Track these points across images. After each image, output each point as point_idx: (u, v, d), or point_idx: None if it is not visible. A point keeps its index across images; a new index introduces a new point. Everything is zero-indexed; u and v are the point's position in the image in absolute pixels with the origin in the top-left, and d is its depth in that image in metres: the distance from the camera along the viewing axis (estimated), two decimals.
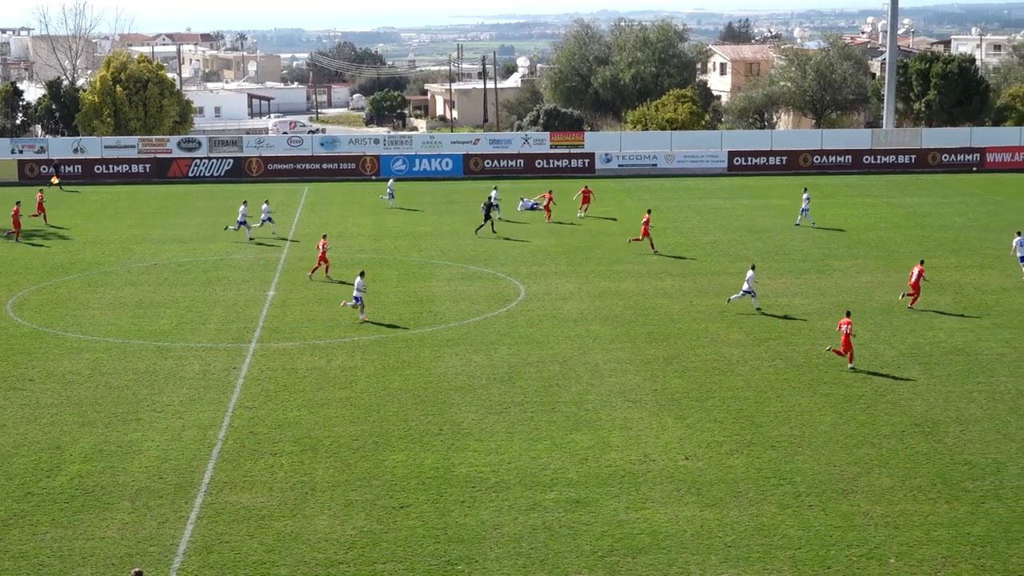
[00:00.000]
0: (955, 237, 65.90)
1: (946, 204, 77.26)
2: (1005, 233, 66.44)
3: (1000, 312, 49.25)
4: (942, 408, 37.10)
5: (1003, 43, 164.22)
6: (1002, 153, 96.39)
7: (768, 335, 45.76)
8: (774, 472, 31.99)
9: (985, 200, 78.92)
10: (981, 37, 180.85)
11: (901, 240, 64.98)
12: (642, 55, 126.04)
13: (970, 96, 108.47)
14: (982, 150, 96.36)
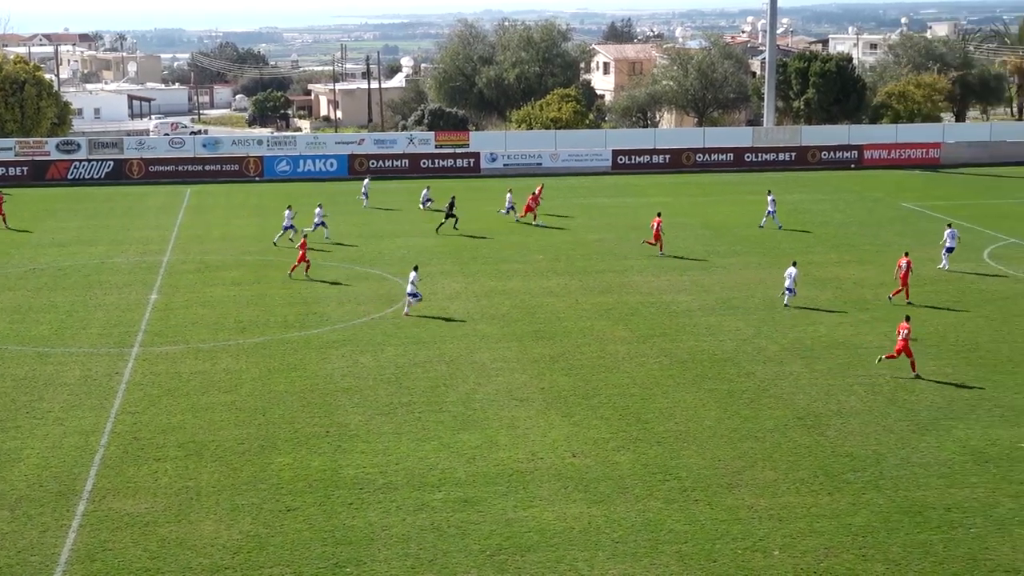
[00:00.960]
0: (834, 233, 67.02)
1: (826, 201, 78.54)
2: (883, 229, 67.83)
3: (878, 306, 50.20)
4: (824, 401, 37.73)
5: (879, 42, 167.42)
6: (879, 150, 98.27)
7: (653, 332, 46.17)
8: (660, 467, 32.28)
9: (863, 197, 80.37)
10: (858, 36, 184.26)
11: (782, 237, 65.93)
12: (526, 55, 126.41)
13: (848, 94, 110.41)
14: (860, 147, 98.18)
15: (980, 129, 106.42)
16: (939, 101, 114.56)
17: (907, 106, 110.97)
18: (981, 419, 35.98)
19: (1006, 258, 60.06)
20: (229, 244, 64.84)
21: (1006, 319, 47.95)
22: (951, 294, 52.28)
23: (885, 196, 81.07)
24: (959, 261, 58.73)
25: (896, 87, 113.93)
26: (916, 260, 56.00)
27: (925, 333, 45.69)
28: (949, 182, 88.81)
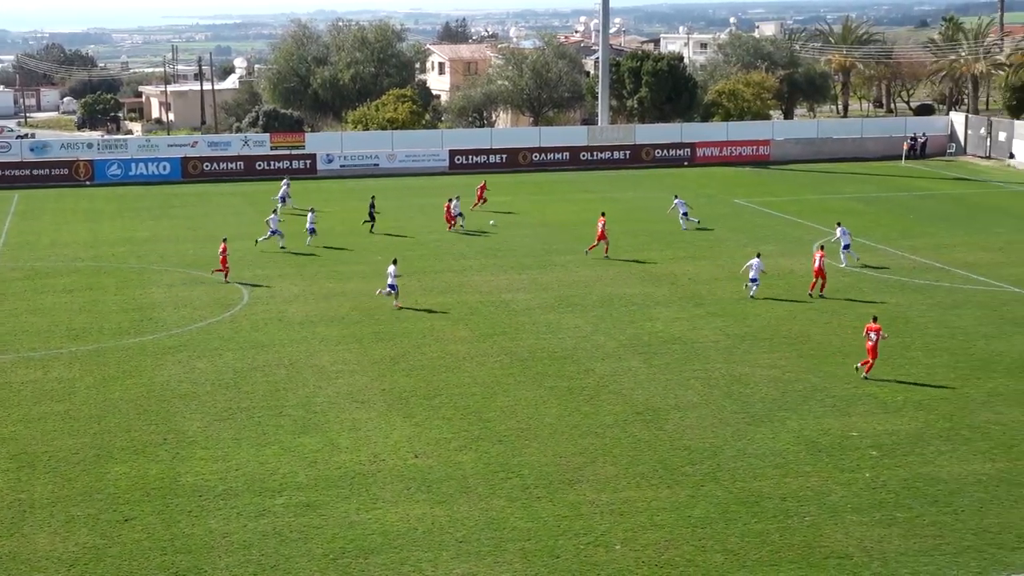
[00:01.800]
0: (669, 230, 68.04)
1: (660, 198, 79.63)
2: (716, 225, 69.05)
3: (713, 301, 51.12)
4: (662, 396, 38.29)
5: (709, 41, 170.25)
6: (711, 147, 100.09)
7: (493, 331, 46.34)
8: (502, 466, 32.41)
9: (697, 193, 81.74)
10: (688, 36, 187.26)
11: (619, 233, 66.69)
12: (361, 55, 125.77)
13: (680, 93, 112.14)
14: (692, 145, 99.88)
15: (808, 126, 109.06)
16: (768, 99, 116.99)
17: (737, 104, 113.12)
18: (813, 410, 36.88)
19: (835, 252, 61.63)
20: (60, 250, 63.30)
21: (835, 311, 49.22)
22: (782, 288, 53.46)
23: (718, 193, 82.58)
24: (793, 256, 60.13)
25: (726, 86, 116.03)
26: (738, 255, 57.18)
27: (759, 327, 46.70)
28: (779, 178, 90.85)
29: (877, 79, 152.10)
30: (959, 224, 68.02)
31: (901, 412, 36.63)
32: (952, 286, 53.80)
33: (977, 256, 60.00)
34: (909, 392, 38.56)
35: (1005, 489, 30.69)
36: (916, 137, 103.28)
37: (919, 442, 34.05)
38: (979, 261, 58.74)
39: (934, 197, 78.90)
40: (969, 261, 58.98)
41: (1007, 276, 55.57)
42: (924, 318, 48.15)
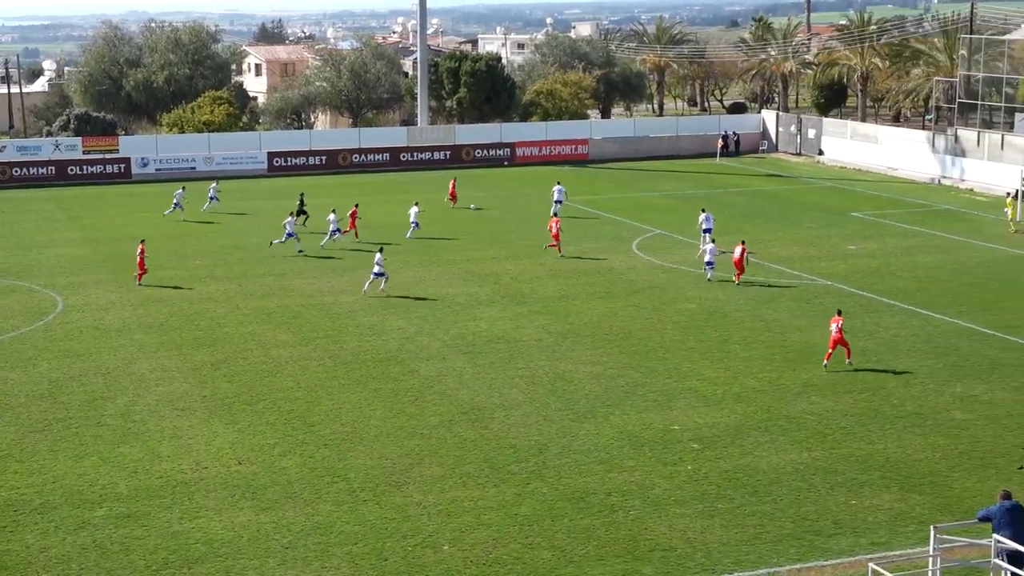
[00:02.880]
0: (491, 229, 68.35)
1: (481, 198, 79.94)
2: (537, 224, 69.52)
3: (535, 299, 51.50)
4: (487, 395, 38.42)
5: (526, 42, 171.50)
6: (530, 147, 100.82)
7: (316, 334, 45.97)
8: (328, 470, 32.16)
9: (517, 192, 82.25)
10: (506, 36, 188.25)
11: (440, 234, 66.74)
12: (175, 57, 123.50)
13: (498, 93, 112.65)
14: (512, 145, 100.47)
15: (625, 125, 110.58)
16: (585, 99, 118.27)
17: (555, 104, 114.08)
18: (636, 404, 37.41)
19: (652, 248, 62.66)
20: None
21: (656, 307, 50.01)
22: (603, 285, 54.14)
23: (537, 192, 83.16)
24: (611, 252, 60.93)
25: (544, 85, 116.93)
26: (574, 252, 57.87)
27: (581, 324, 47.19)
28: (598, 177, 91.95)
29: (691, 78, 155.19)
30: (773, 219, 69.72)
31: (721, 405, 37.39)
32: (767, 280, 55.12)
33: (790, 250, 61.59)
34: (728, 385, 39.39)
35: (821, 477, 31.55)
36: (729, 135, 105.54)
37: (738, 434, 34.80)
38: (792, 255, 60.30)
39: (748, 193, 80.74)
40: (783, 255, 60.50)
41: (819, 270, 57.16)
42: (741, 312, 49.23)
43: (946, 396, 38.20)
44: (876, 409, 36.95)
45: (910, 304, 50.47)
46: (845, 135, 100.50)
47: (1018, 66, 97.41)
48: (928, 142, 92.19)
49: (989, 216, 72.75)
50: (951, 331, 46.13)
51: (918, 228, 68.59)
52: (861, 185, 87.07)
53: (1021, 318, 48.00)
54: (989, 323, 47.11)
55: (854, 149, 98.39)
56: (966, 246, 63.32)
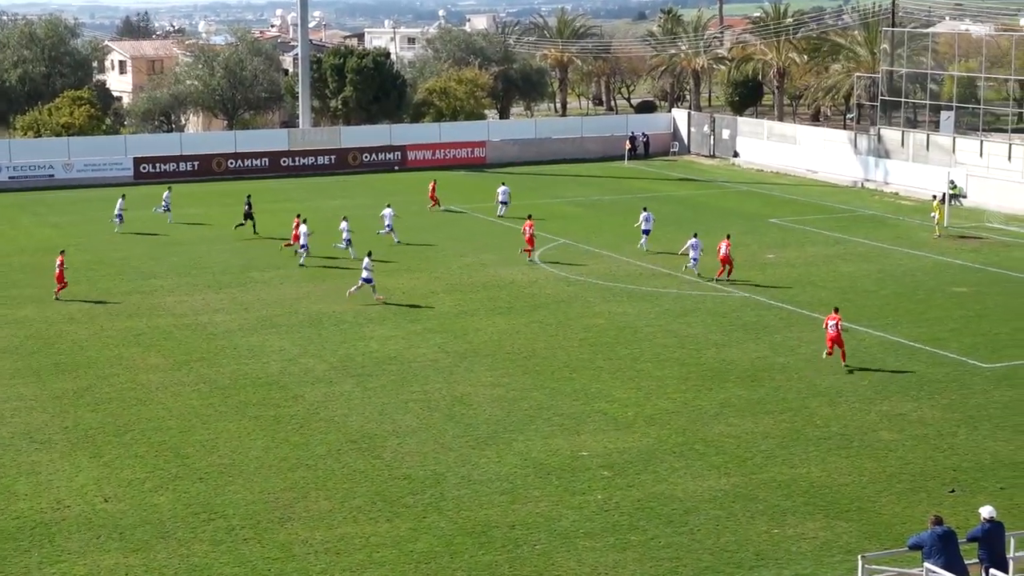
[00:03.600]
0: (380, 240, 68.10)
1: (370, 206, 79.64)
2: (428, 232, 69.49)
3: (430, 317, 51.42)
4: (378, 421, 38.24)
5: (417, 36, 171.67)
6: (423, 150, 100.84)
7: (190, 357, 45.48)
8: (204, 507, 31.78)
9: (409, 200, 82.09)
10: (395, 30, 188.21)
11: (318, 245, 66.38)
12: (29, 53, 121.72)
13: (388, 92, 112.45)
14: (403, 148, 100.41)
15: (525, 126, 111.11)
16: (482, 98, 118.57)
17: (449, 103, 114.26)
18: (541, 429, 37.44)
19: (556, 259, 62.87)
20: None
21: (561, 324, 50.15)
22: (504, 299, 54.21)
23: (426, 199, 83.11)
24: (512, 264, 61.05)
25: (437, 83, 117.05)
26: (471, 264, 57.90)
27: (480, 343, 47.20)
28: (496, 182, 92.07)
29: (596, 75, 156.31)
30: (685, 227, 70.20)
31: (632, 428, 37.56)
32: (680, 292, 55.55)
33: (704, 260, 62.10)
34: (640, 406, 39.58)
35: (741, 505, 31.79)
36: (637, 136, 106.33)
37: (652, 459, 34.97)
38: (707, 265, 60.80)
39: (658, 199, 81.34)
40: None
41: (735, 280, 57.70)
42: (653, 327, 49.54)
43: (873, 415, 38.71)
44: (799, 430, 37.34)
45: None
46: (761, 135, 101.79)
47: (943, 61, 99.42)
48: (850, 142, 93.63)
49: (915, 221, 74.01)
50: (877, 345, 46.79)
51: (840, 235, 69.58)
52: (779, 189, 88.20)
53: (950, 330, 48.84)
54: (917, 336, 47.86)
55: (771, 150, 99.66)
56: (891, 254, 64.34)
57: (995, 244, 67.32)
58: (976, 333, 48.44)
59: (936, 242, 67.53)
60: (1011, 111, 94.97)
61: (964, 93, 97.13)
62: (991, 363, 44.23)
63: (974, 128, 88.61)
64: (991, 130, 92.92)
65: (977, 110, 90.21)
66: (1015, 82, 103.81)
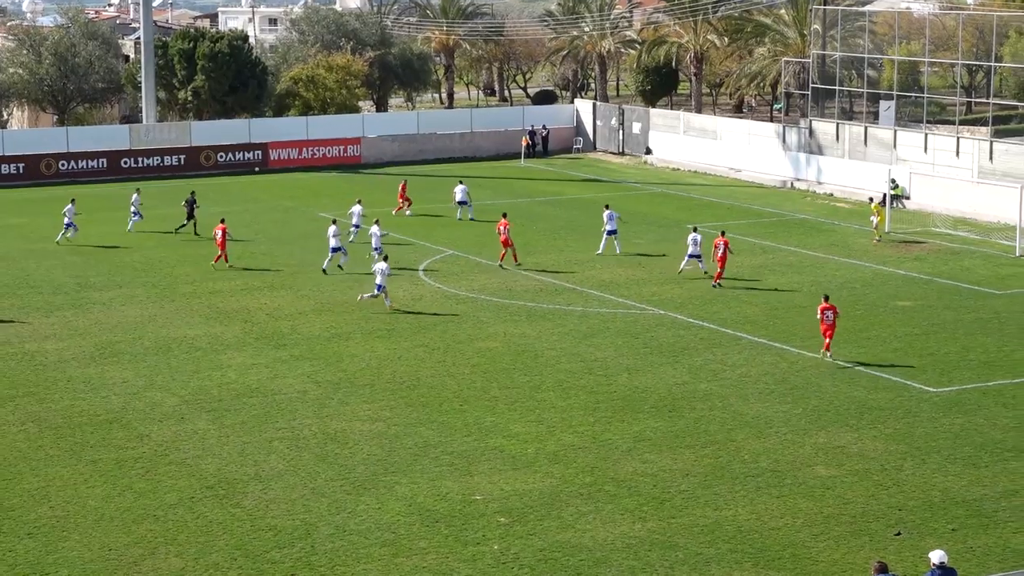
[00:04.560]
0: (240, 253, 67.70)
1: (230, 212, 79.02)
2: (296, 245, 69.20)
3: (297, 341, 51.18)
4: (238, 464, 37.96)
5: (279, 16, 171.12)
6: (288, 148, 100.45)
7: (15, 392, 44.89)
8: (33, 566, 31.34)
9: (273, 206, 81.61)
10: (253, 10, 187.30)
11: (174, 260, 65.87)
12: None
13: (246, 81, 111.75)
14: (265, 146, 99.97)
15: (406, 120, 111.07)
16: (356, 87, 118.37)
17: (318, 94, 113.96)
18: (427, 470, 37.36)
19: (443, 273, 62.87)
20: None
21: (450, 347, 50.12)
22: (383, 320, 54.10)
23: (298, 205, 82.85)
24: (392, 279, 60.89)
25: (304, 71, 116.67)
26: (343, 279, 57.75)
27: (356, 371, 47.04)
28: (373, 185, 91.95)
29: (487, 61, 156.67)
30: (592, 235, 70.60)
31: (533, 467, 37.59)
32: (586, 310, 55.76)
33: (614, 273, 62.46)
34: (542, 442, 39.62)
35: (658, 553, 31.92)
36: (536, 131, 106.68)
37: (556, 503, 35.01)
38: (616, 279, 61.14)
39: (560, 203, 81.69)
40: (605, 279, 61.28)
41: (649, 296, 58.07)
42: (556, 351, 49.67)
43: (807, 448, 39.06)
44: (724, 467, 37.58)
45: (760, 336, 51.59)
46: (677, 129, 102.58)
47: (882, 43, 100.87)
48: (777, 137, 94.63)
49: (852, 226, 74.93)
50: (811, 368, 47.26)
51: (768, 242, 70.23)
52: (698, 191, 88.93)
53: (894, 350, 49.47)
54: (856, 357, 48.41)
55: (689, 146, 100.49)
56: (826, 263, 65.05)
57: (942, 251, 68.32)
58: (922, 353, 49.12)
59: (876, 249, 68.39)
60: (958, 100, 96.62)
61: (906, 80, 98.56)
62: (940, 387, 44.86)
63: (917, 120, 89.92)
64: (936, 121, 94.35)
65: (920, 99, 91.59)
66: (962, 67, 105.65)
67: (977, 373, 46.58)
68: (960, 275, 62.57)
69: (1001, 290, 59.56)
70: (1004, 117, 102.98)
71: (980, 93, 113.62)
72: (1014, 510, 34.11)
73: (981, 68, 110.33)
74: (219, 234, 63.86)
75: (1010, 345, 50.25)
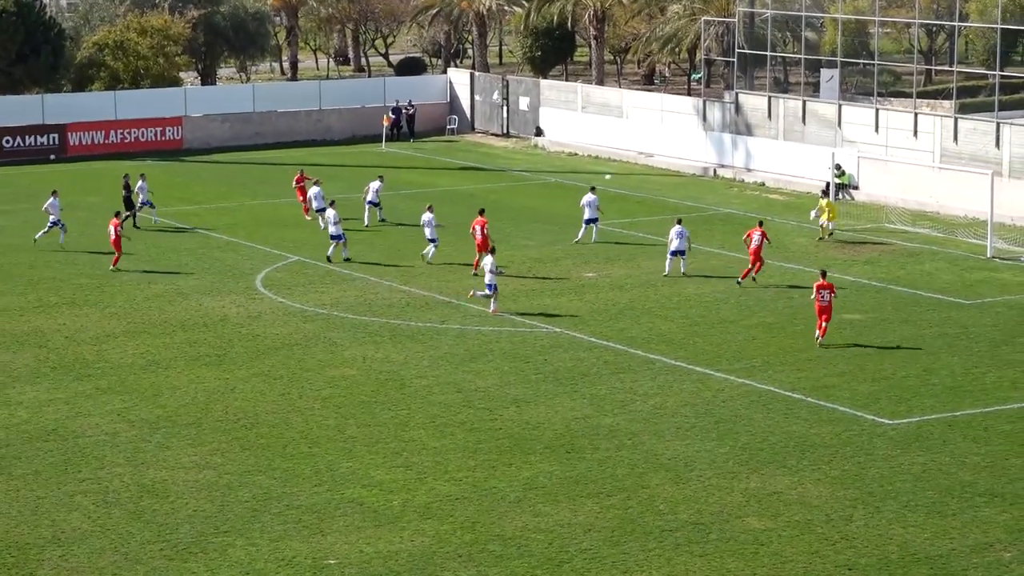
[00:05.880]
0: (31, 260, 67.04)
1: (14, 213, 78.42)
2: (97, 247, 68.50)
3: (105, 370, 50.77)
4: (31, 524, 37.55)
5: None
6: (90, 131, 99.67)
7: None
8: None
9: (73, 203, 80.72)
10: None
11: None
12: None
13: (37, 48, 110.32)
14: (62, 128, 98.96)
15: (239, 95, 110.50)
16: (176, 55, 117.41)
17: (129, 63, 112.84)
18: (269, 529, 37.16)
19: (287, 285, 62.61)
20: None
21: (296, 376, 49.93)
22: (212, 344, 53.81)
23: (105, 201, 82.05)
24: (223, 292, 60.59)
25: (111, 35, 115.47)
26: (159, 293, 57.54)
27: (178, 406, 46.74)
28: (198, 174, 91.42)
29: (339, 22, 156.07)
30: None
31: (400, 523, 37.51)
32: (465, 328, 55.79)
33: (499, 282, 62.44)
34: (411, 492, 39.56)
35: None
36: (402, 108, 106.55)
37: (429, 566, 34.97)
38: (501, 290, 61.12)
39: (432, 196, 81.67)
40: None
41: (538, 308, 58.20)
42: (427, 379, 49.63)
43: (736, 495, 39.28)
44: (635, 519, 37.68)
45: (679, 358, 51.84)
46: (574, 105, 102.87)
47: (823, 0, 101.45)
48: (697, 114, 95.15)
49: (789, 222, 75.48)
50: (740, 397, 47.55)
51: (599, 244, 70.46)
52: (601, 180, 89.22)
53: (840, 374, 49.89)
54: (795, 383, 48.78)
55: (588, 126, 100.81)
56: None
57: (899, 253, 69.01)
58: (876, 377, 49.57)
59: (819, 251, 68.92)
60: (916, 68, 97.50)
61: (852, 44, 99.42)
62: (896, 419, 45.28)
63: (867, 92, 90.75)
64: (890, 94, 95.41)
65: (870, 67, 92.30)
66: (920, 28, 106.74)
67: (941, 401, 47.09)
68: (920, 281, 63.22)
69: (969, 299, 60.27)
70: (971, 89, 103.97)
71: (942, 60, 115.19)
72: (987, 567, 34.47)
73: (943, 29, 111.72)
74: (113, 231, 63.86)
75: (980, 367, 50.86)
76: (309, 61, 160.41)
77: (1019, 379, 49.34)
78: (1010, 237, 69.95)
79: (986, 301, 60.07)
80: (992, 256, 67.69)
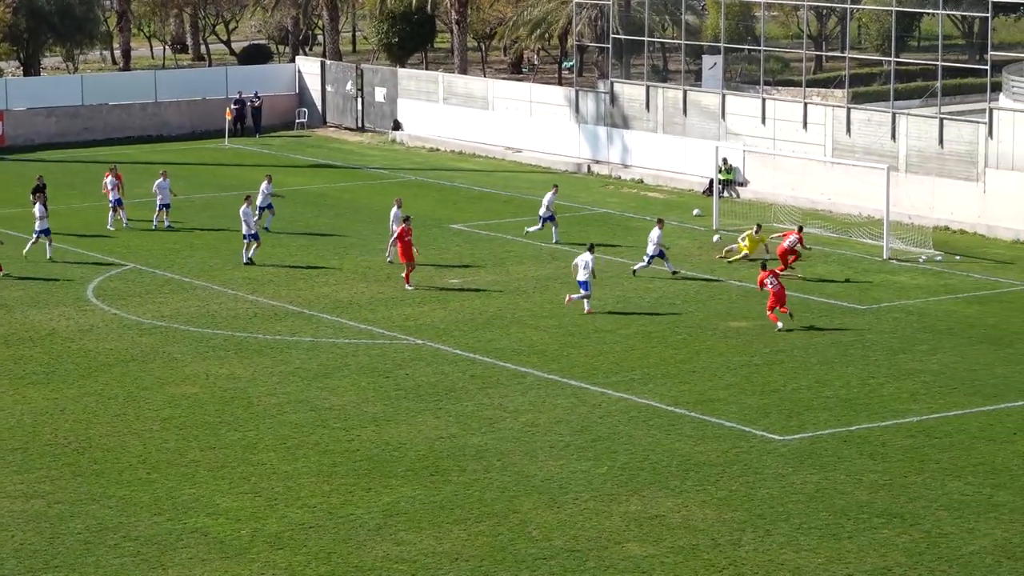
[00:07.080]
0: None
1: None
2: None
3: None
4: None
5: None
6: None
7: None
8: None
9: None
10: None
11: None
12: None
13: None
14: None
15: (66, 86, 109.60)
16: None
17: None
18: (104, 563, 36.89)
19: (120, 295, 62.26)
20: None
21: (132, 395, 49.71)
22: (38, 361, 53.42)
23: None
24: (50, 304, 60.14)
25: None
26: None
27: (3, 430, 46.35)
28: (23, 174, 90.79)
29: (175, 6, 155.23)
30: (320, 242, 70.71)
31: (249, 554, 37.42)
32: (317, 341, 55.73)
33: (353, 290, 62.48)
34: (260, 520, 39.49)
35: None
36: (246, 100, 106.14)
37: None
38: (356, 298, 61.19)
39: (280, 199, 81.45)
40: (342, 299, 61.27)
41: (402, 320, 58.21)
42: (277, 397, 49.54)
43: (615, 519, 39.45)
44: (505, 547, 37.77)
45: (552, 371, 51.98)
46: (435, 96, 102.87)
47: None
48: (568, 105, 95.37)
49: (670, 223, 75.69)
50: (618, 412, 47.74)
51: (558, 246, 70.67)
52: (464, 178, 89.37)
53: (727, 386, 50.23)
54: (677, 397, 49.05)
55: (451, 119, 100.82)
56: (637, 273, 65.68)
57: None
58: (765, 390, 49.94)
59: (701, 253, 69.20)
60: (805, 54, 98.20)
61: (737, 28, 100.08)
62: (787, 434, 45.64)
63: (753, 80, 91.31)
64: (778, 83, 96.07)
65: (756, 53, 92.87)
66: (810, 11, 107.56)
67: (836, 415, 47.52)
68: (811, 285, 63.67)
69: (865, 304, 60.82)
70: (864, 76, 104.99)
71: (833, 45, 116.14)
72: None
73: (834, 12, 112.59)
74: None
75: (878, 377, 51.36)
76: (143, 49, 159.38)
77: (918, 391, 49.82)
78: (908, 237, 70.41)
79: (883, 306, 60.61)
80: (889, 257, 68.26)
